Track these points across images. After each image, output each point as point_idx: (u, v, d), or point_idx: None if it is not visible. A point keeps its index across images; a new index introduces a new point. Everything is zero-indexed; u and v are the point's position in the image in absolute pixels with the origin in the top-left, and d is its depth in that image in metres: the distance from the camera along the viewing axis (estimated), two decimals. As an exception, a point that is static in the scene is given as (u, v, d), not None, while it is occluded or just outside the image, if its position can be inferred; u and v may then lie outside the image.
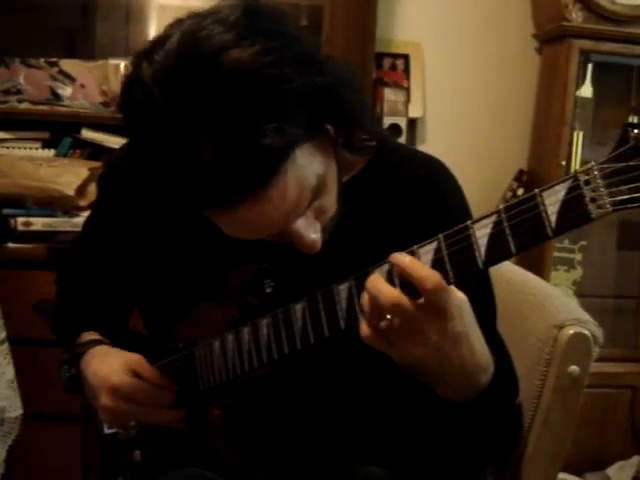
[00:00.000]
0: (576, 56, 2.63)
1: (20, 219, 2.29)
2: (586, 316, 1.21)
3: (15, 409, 1.96)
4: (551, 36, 2.76)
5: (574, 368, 1.16)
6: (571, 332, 1.16)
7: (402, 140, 2.65)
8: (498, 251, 0.79)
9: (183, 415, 1.13)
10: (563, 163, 2.65)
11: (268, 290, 1.06)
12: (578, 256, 2.79)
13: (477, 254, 0.80)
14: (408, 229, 1.01)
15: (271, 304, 1.03)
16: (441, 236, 0.83)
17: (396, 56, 2.78)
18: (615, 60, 2.74)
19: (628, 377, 2.76)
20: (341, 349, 1.03)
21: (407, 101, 2.73)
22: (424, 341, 0.84)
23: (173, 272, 1.18)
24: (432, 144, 2.83)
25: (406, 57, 2.78)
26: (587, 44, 2.63)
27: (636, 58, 2.74)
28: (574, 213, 0.73)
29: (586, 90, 2.73)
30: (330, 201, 1.00)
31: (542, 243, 0.77)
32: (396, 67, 2.79)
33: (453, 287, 0.84)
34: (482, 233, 0.80)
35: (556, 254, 2.74)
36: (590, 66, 2.70)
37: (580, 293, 2.79)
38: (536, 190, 0.76)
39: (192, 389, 1.13)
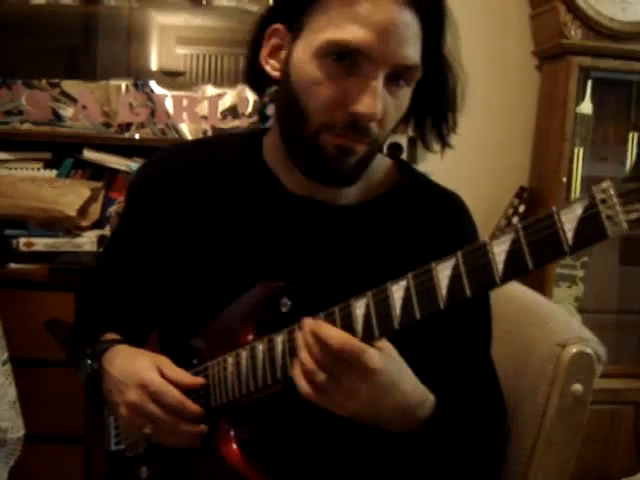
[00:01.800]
0: (575, 73, 2.64)
1: (22, 239, 2.30)
2: (589, 334, 1.21)
3: (17, 430, 1.95)
4: (551, 53, 2.77)
5: (577, 387, 1.16)
6: (574, 350, 1.16)
7: (403, 157, 2.66)
8: (516, 267, 0.80)
9: (204, 432, 1.11)
10: (564, 179, 2.65)
11: (284, 309, 1.07)
12: (580, 272, 2.79)
13: (495, 270, 0.81)
14: (426, 257, 1.05)
15: (287, 323, 1.03)
16: (459, 253, 0.85)
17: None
18: (614, 76, 2.75)
19: (632, 393, 2.74)
20: None
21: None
22: (355, 396, 0.95)
23: (194, 286, 1.18)
24: (433, 162, 2.79)
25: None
26: (586, 61, 2.64)
27: (635, 74, 2.75)
28: (590, 231, 0.74)
29: (586, 106, 2.74)
30: (391, 118, 1.08)
31: (559, 259, 0.79)
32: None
33: (381, 343, 0.95)
34: (500, 249, 0.81)
35: (558, 270, 2.74)
36: (590, 82, 2.72)
37: (583, 309, 2.78)
38: (553, 208, 0.77)
39: (204, 405, 1.12)
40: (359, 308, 0.93)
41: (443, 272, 0.86)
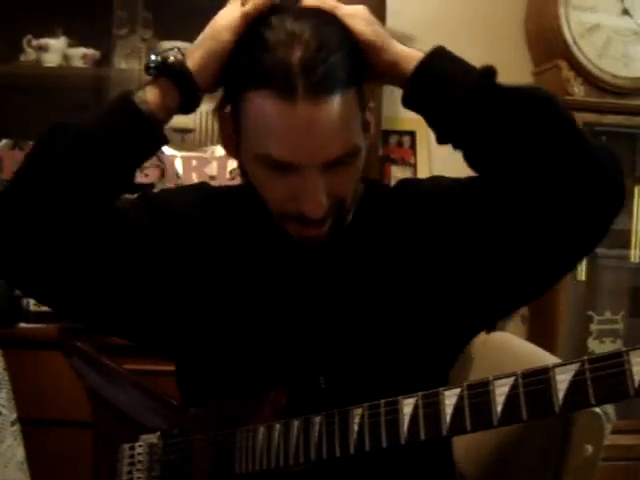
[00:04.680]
0: (580, 129, 2.66)
1: (32, 299, 2.31)
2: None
3: (25, 491, 1.94)
4: (554, 110, 2.80)
5: (587, 447, 1.15)
6: (582, 410, 1.15)
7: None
8: (577, 399, 0.80)
9: None
10: (571, 234, 2.66)
11: (323, 386, 1.07)
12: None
13: (555, 399, 0.81)
14: (434, 238, 1.11)
15: (323, 400, 1.03)
16: (519, 373, 0.85)
17: (402, 133, 2.82)
18: (619, 130, 2.77)
19: (645, 449, 2.71)
20: (390, 454, 1.00)
21: (414, 177, 2.76)
22: None
23: (204, 323, 1.16)
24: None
25: (412, 134, 2.82)
26: (590, 117, 2.67)
27: (639, 129, 2.78)
28: None
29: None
30: (347, 186, 1.07)
31: (622, 400, 0.78)
32: (402, 144, 2.83)
33: None
34: (562, 378, 0.81)
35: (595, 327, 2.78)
36: (594, 137, 2.74)
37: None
38: (623, 348, 0.77)
39: (227, 471, 1.11)
40: (407, 406, 0.93)
41: (501, 388, 0.85)
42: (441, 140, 1.06)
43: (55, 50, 2.67)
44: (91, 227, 1.05)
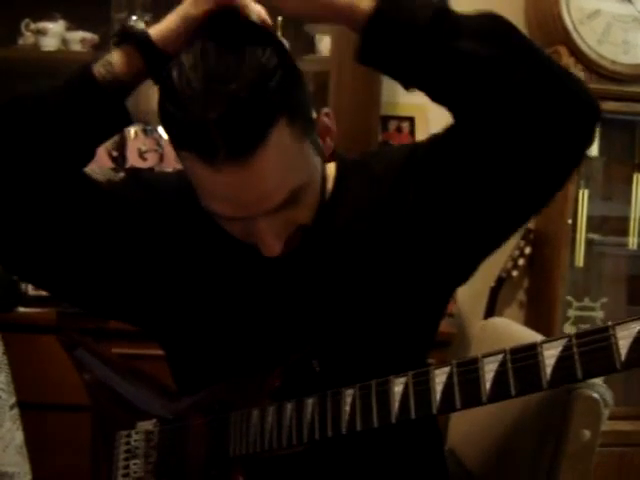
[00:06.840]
0: (579, 116, 2.65)
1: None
2: (595, 378, 1.21)
3: (24, 475, 1.95)
4: (554, 96, 2.79)
5: (585, 432, 1.15)
6: (580, 395, 1.16)
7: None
8: (564, 374, 0.81)
9: None
10: (569, 221, 2.67)
11: (317, 369, 1.07)
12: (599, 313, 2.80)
13: (542, 373, 0.82)
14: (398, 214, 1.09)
15: (317, 383, 1.04)
16: (508, 349, 0.85)
17: (401, 119, 2.82)
18: (618, 117, 2.77)
19: (641, 435, 2.72)
20: (385, 433, 1.01)
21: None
22: None
23: (218, 336, 1.16)
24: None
25: (411, 119, 2.82)
26: (590, 103, 2.66)
27: (639, 116, 2.77)
28: None
29: (592, 149, 2.75)
30: (304, 215, 1.04)
31: (609, 374, 0.79)
32: (402, 129, 2.82)
33: None
34: (550, 354, 0.82)
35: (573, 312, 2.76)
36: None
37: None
38: (609, 322, 0.78)
39: (222, 454, 1.11)
40: (397, 385, 0.94)
41: (489, 365, 0.87)
42: (406, 86, 1.03)
43: (54, 34, 2.66)
44: (55, 196, 1.07)
